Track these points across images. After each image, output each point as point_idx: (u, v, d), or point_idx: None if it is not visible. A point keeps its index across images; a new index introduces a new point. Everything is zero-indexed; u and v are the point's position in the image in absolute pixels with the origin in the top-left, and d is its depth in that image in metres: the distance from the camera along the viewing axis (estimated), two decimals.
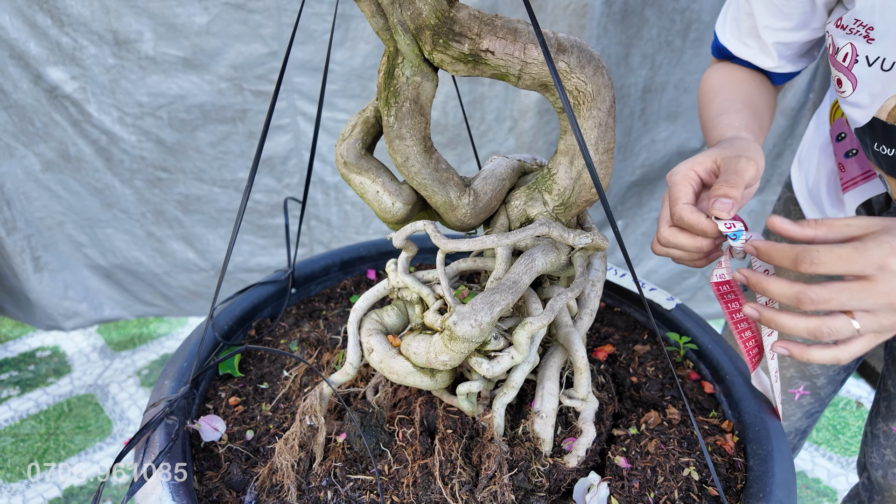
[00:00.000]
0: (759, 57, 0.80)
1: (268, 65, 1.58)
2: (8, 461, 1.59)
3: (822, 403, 1.03)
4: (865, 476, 0.94)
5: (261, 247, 1.91)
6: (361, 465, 0.62)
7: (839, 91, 0.70)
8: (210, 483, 0.61)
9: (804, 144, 0.97)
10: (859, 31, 0.64)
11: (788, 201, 0.99)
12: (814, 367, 0.97)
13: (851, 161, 0.81)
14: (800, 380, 1.00)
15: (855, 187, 0.82)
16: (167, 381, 0.67)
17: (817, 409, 1.04)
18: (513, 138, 1.72)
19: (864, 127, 0.68)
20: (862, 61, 0.64)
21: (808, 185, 0.93)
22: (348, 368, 0.64)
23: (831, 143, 0.86)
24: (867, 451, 0.92)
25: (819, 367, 0.97)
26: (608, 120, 0.58)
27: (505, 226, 0.66)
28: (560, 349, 0.66)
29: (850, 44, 0.65)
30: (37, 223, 1.79)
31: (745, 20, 0.79)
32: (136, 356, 2.01)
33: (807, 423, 1.05)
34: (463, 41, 0.53)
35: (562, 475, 0.60)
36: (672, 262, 1.99)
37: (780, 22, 0.75)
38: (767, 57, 0.79)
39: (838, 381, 1.00)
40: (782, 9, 0.73)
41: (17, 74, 1.55)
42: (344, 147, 0.61)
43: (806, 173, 0.94)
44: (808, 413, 1.04)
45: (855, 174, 0.81)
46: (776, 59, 0.79)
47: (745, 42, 0.80)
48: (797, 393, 1.00)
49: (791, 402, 1.02)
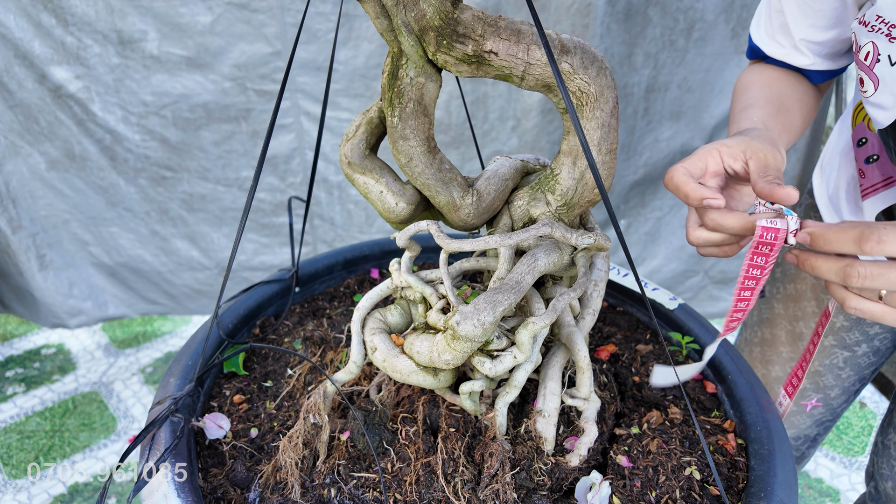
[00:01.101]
0: (793, 55, 0.77)
1: (271, 64, 1.58)
2: (13, 458, 1.60)
3: (835, 413, 1.02)
4: (873, 485, 0.93)
5: (264, 245, 1.91)
6: (365, 462, 0.62)
7: (862, 91, 0.67)
8: (215, 480, 0.61)
9: (827, 149, 0.94)
10: (881, 28, 0.61)
11: (809, 208, 0.96)
12: (828, 378, 0.96)
13: (872, 167, 0.79)
14: (813, 392, 0.98)
15: (875, 194, 0.79)
16: (172, 378, 0.67)
17: (829, 419, 1.03)
18: (516, 138, 1.72)
19: (888, 129, 0.66)
20: (884, 60, 0.62)
21: (829, 190, 0.90)
22: (352, 367, 0.64)
23: (852, 148, 0.84)
24: (877, 461, 0.91)
25: (834, 378, 0.96)
26: (611, 121, 0.58)
27: (508, 226, 0.66)
28: (562, 349, 0.67)
29: (871, 42, 0.62)
30: (42, 221, 1.80)
31: (776, 18, 0.77)
32: (140, 354, 2.02)
33: (817, 430, 1.04)
34: (466, 42, 0.53)
35: (564, 474, 0.61)
36: (674, 261, 1.99)
37: (811, 19, 0.73)
38: (800, 55, 0.76)
39: (852, 392, 0.99)
40: (812, 6, 0.71)
41: (21, 74, 1.56)
42: (348, 147, 0.62)
43: (827, 179, 0.91)
44: (818, 422, 1.02)
45: (875, 181, 0.79)
46: (811, 56, 0.76)
47: (778, 40, 0.78)
48: (809, 405, 0.99)
49: (802, 413, 1.01)
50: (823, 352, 0.95)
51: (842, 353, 0.94)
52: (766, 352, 1.04)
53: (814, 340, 0.68)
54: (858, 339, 0.92)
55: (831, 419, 1.03)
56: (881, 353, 0.95)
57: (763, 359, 1.04)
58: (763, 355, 1.05)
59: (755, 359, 1.06)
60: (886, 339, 0.93)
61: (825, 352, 0.95)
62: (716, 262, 1.97)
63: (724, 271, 1.98)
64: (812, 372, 0.98)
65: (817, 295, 0.94)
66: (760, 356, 1.05)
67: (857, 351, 0.93)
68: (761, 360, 1.05)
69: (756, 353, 1.06)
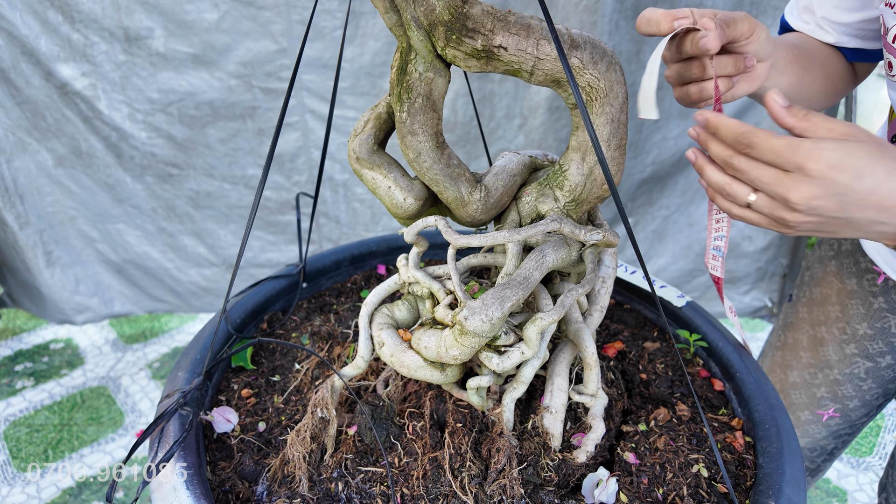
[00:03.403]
0: (817, 31, 0.78)
1: (277, 62, 1.58)
2: (22, 451, 1.61)
3: (854, 427, 0.98)
4: (884, 497, 0.92)
5: (270, 243, 1.92)
6: (372, 457, 0.62)
7: (889, 75, 0.67)
8: (223, 473, 0.62)
9: None
10: None
11: None
12: (847, 388, 0.93)
13: None
14: (830, 401, 0.96)
15: None
16: (181, 372, 0.68)
17: (848, 433, 0.99)
18: (522, 135, 1.71)
19: None
20: None
21: None
22: (359, 362, 0.64)
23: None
24: (892, 473, 0.90)
25: (853, 389, 0.93)
26: (621, 116, 0.58)
27: (516, 222, 0.66)
28: (570, 345, 0.66)
29: None
30: (49, 218, 1.81)
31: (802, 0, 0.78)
32: (147, 349, 2.03)
33: (834, 443, 1.01)
34: (476, 37, 0.53)
35: (570, 470, 0.60)
36: (681, 260, 1.98)
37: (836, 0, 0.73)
38: (824, 32, 0.77)
39: (875, 406, 0.96)
40: None
41: (29, 71, 1.57)
42: (356, 142, 0.62)
43: None
44: (835, 434, 0.99)
45: None
46: (834, 34, 0.76)
47: (803, 18, 0.79)
48: (826, 414, 0.96)
49: (818, 423, 0.98)
50: (844, 360, 0.92)
51: (864, 363, 0.90)
52: (787, 356, 1.01)
53: (709, 216, 0.70)
54: (882, 349, 0.88)
55: (850, 433, 0.99)
56: None
57: (783, 363, 1.01)
58: (783, 359, 1.02)
59: (776, 363, 1.03)
60: None
61: (846, 360, 0.92)
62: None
63: (731, 270, 1.97)
64: (831, 380, 0.94)
65: (842, 300, 0.91)
66: (781, 360, 1.02)
67: (880, 362, 0.89)
68: (781, 364, 1.02)
69: (777, 357, 1.03)
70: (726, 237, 0.67)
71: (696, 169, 0.55)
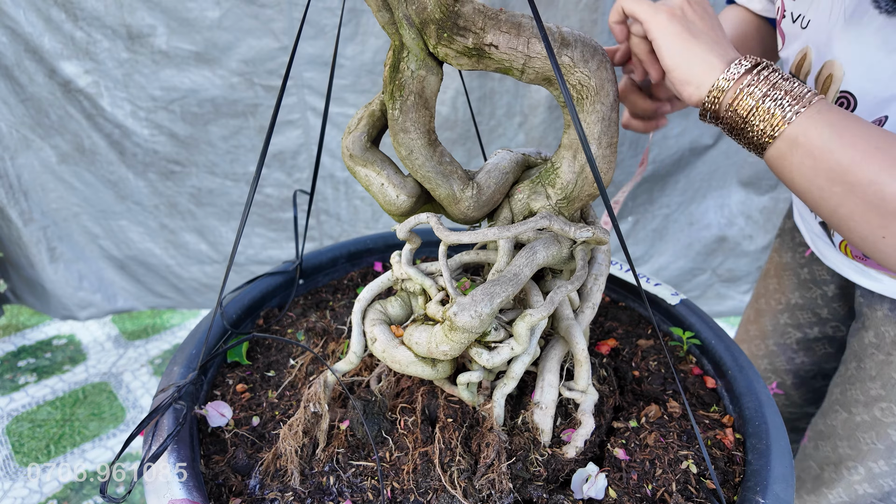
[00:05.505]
0: (748, 1, 0.86)
1: (279, 59, 1.59)
2: (25, 446, 1.63)
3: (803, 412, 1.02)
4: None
5: (272, 240, 1.93)
6: (363, 451, 0.63)
7: (779, 50, 0.74)
8: (216, 467, 0.62)
9: None
10: None
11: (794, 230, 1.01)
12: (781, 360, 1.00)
13: None
14: (772, 374, 1.01)
15: None
16: (176, 367, 0.68)
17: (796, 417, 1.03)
18: (523, 134, 1.72)
19: None
20: (788, 17, 0.69)
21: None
22: (352, 357, 0.65)
23: None
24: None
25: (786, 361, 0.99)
26: (612, 114, 0.58)
27: (508, 219, 0.67)
28: (561, 341, 0.67)
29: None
30: (52, 214, 1.83)
31: None
32: (149, 346, 2.04)
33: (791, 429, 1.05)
34: (467, 35, 0.54)
35: (560, 465, 0.61)
36: (682, 259, 1.98)
37: None
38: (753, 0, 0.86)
39: (813, 389, 0.99)
40: None
41: (32, 68, 1.58)
42: (350, 140, 0.62)
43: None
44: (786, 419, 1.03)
45: None
46: (759, 2, 0.84)
47: None
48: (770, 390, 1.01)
49: None
50: (778, 329, 0.99)
51: (794, 332, 0.97)
52: (740, 332, 1.11)
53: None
54: (811, 319, 0.95)
55: (798, 418, 1.04)
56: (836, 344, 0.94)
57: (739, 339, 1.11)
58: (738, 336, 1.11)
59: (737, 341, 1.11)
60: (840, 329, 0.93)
61: (779, 330, 0.99)
62: (723, 260, 1.96)
63: (731, 269, 1.97)
64: (769, 352, 1.01)
65: (778, 272, 0.99)
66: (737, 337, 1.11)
67: (808, 333, 0.96)
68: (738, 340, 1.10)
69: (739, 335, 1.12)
70: None
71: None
